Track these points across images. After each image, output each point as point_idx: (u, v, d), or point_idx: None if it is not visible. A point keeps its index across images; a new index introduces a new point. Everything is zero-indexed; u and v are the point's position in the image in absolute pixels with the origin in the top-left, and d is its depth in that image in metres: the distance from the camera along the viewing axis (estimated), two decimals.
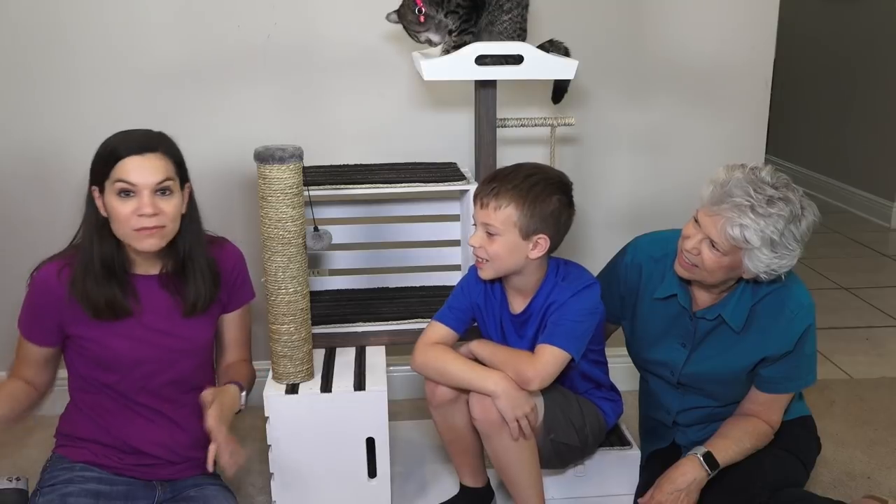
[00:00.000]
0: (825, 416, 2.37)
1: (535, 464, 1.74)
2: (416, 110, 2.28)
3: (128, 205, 1.57)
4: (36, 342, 1.68)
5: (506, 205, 1.66)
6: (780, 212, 1.57)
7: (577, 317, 1.72)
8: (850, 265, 3.78)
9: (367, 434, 1.81)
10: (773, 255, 1.59)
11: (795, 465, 1.77)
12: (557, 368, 1.71)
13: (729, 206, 1.57)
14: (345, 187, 1.93)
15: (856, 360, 2.79)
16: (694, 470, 1.68)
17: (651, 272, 1.81)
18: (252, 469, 2.15)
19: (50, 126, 2.20)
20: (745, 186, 1.58)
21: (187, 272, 1.68)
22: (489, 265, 1.72)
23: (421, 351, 1.77)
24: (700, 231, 1.63)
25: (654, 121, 2.36)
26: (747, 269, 1.62)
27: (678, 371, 1.80)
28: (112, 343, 1.65)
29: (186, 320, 1.70)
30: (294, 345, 1.80)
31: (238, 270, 1.79)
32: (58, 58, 2.17)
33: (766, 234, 1.56)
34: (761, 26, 2.32)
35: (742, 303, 1.70)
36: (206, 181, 2.24)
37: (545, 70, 1.85)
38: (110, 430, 1.70)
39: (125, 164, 1.57)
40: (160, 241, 1.61)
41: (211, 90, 2.22)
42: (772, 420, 1.76)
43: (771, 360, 1.71)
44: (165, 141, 1.64)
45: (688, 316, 1.76)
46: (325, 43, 2.21)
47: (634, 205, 2.39)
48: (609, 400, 1.89)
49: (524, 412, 1.65)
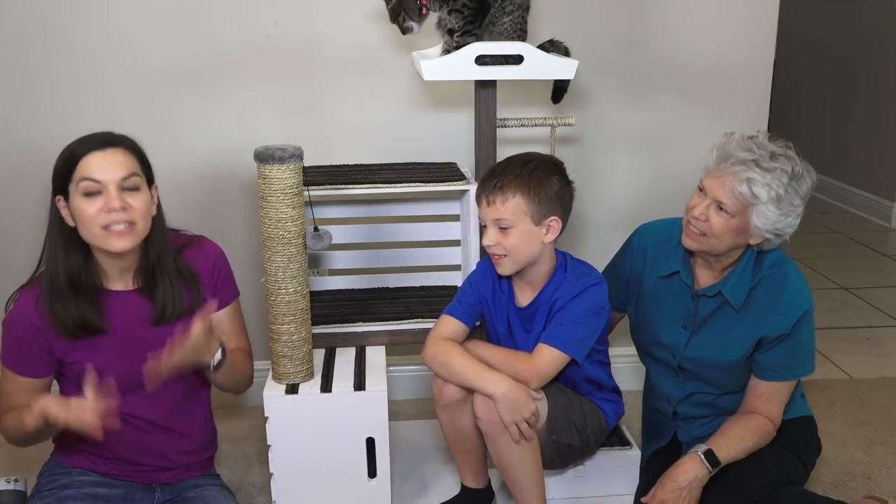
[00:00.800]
0: (825, 416, 2.37)
1: (537, 465, 1.74)
2: (416, 110, 2.28)
3: (95, 203, 1.50)
4: (30, 375, 1.61)
5: (512, 196, 1.68)
6: (784, 166, 1.62)
7: (580, 317, 1.72)
8: (850, 265, 3.78)
9: (367, 434, 1.81)
10: (779, 211, 1.63)
11: (795, 463, 1.77)
12: (555, 369, 1.72)
13: (734, 161, 1.63)
14: (345, 187, 1.93)
15: (856, 360, 2.79)
16: (695, 468, 1.68)
17: (656, 254, 1.85)
18: (252, 469, 2.15)
19: (51, 125, 2.20)
20: (747, 145, 1.65)
21: (156, 279, 1.62)
22: (508, 260, 1.73)
23: (431, 344, 1.78)
24: (706, 197, 1.67)
25: (654, 121, 2.36)
26: (755, 229, 1.65)
27: (679, 354, 1.81)
28: (98, 364, 1.59)
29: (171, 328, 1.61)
30: (294, 345, 1.80)
31: (219, 268, 1.73)
32: (59, 58, 2.17)
33: (773, 188, 1.61)
34: (761, 26, 2.32)
35: (742, 281, 1.73)
36: (206, 181, 2.25)
37: (545, 70, 1.85)
38: (104, 441, 1.66)
39: (87, 160, 1.51)
40: (132, 239, 1.53)
41: (211, 90, 2.22)
42: (772, 414, 1.76)
43: (768, 342, 1.72)
44: (127, 139, 1.58)
45: (689, 295, 1.79)
46: (325, 43, 2.21)
47: (634, 205, 2.39)
48: (610, 401, 1.90)
49: (523, 416, 1.65)
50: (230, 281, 1.77)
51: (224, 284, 1.75)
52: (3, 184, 2.25)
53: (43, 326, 1.57)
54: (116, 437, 1.66)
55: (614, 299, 1.90)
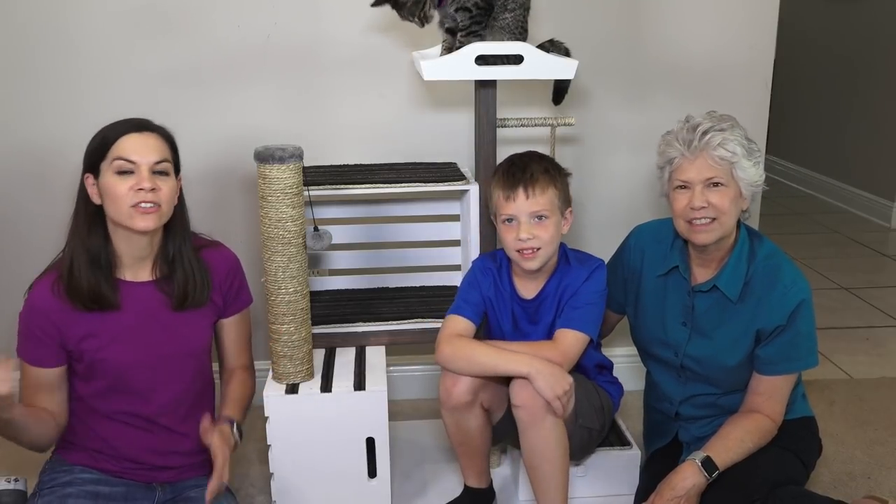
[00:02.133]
0: (825, 416, 2.37)
1: (566, 461, 1.73)
2: (416, 110, 2.29)
3: (126, 181, 1.56)
4: (46, 365, 1.63)
5: (547, 187, 1.74)
6: (733, 123, 1.72)
7: (591, 299, 1.78)
8: (850, 265, 3.78)
9: (367, 434, 1.81)
10: (752, 162, 1.71)
11: (795, 463, 1.77)
12: (580, 351, 1.75)
13: (699, 135, 1.69)
14: (345, 187, 1.93)
15: (856, 360, 2.80)
16: (693, 475, 1.68)
17: (654, 253, 1.87)
18: (252, 469, 2.15)
19: (52, 125, 2.21)
20: (693, 121, 1.73)
21: (176, 266, 1.67)
22: (541, 252, 1.75)
23: (446, 342, 1.77)
24: (693, 187, 1.71)
25: (653, 121, 2.35)
26: (742, 185, 1.71)
27: (681, 352, 1.82)
28: (107, 354, 1.62)
29: (182, 320, 1.68)
30: (294, 345, 1.80)
31: (234, 274, 1.77)
32: (59, 57, 2.18)
33: (741, 141, 1.70)
34: (761, 26, 2.32)
35: (737, 273, 1.75)
36: (207, 181, 2.26)
37: (545, 70, 1.86)
38: (107, 439, 1.68)
39: (124, 141, 1.57)
40: (157, 220, 1.59)
41: (211, 90, 2.22)
42: (774, 412, 1.76)
43: (765, 335, 1.73)
44: (162, 128, 1.65)
45: (686, 291, 1.80)
46: (325, 43, 2.22)
47: (632, 203, 2.39)
48: (612, 383, 1.94)
49: (564, 389, 1.65)
50: (244, 288, 1.81)
51: (238, 290, 1.79)
52: (4, 182, 2.25)
53: (57, 308, 1.60)
54: (119, 435, 1.67)
55: (613, 301, 1.90)
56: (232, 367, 1.83)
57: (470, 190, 1.96)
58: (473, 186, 1.96)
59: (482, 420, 1.78)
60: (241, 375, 1.82)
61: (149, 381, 1.67)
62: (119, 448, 1.68)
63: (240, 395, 1.79)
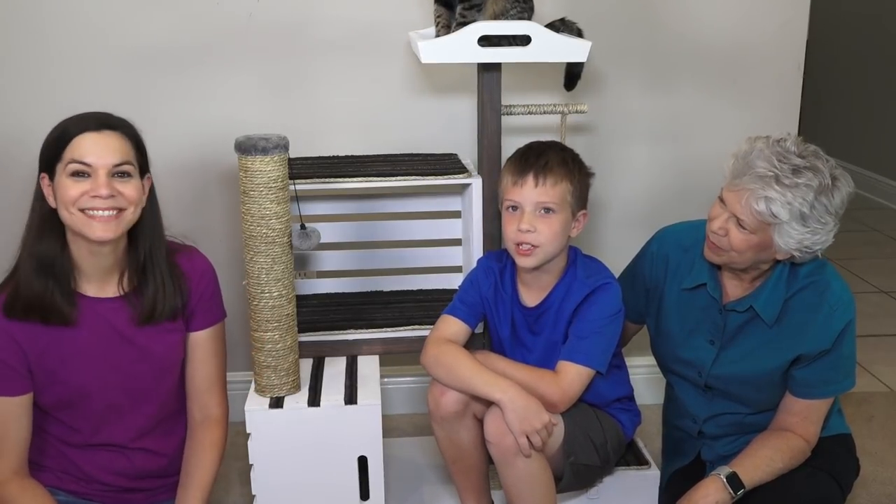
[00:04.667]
0: (864, 432, 2.38)
1: (552, 496, 1.74)
2: (412, 96, 2.29)
3: (80, 185, 1.51)
4: (10, 394, 1.59)
5: (561, 179, 1.71)
6: (809, 182, 1.59)
7: (598, 327, 1.74)
8: (891, 266, 3.79)
9: (358, 452, 1.82)
10: (805, 229, 1.62)
11: (830, 484, 1.76)
12: (583, 388, 1.74)
13: (751, 177, 1.61)
14: (334, 181, 1.93)
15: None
16: (717, 492, 1.68)
17: (679, 262, 1.84)
18: (232, 490, 2.15)
19: (16, 110, 2.21)
20: (768, 157, 1.61)
21: (148, 275, 1.63)
22: (539, 251, 1.73)
23: (432, 345, 1.77)
24: (726, 210, 1.66)
25: (674, 108, 2.36)
26: (779, 247, 1.65)
27: (706, 372, 1.81)
28: (64, 374, 1.60)
29: (149, 336, 1.64)
30: (279, 354, 1.81)
31: (207, 283, 1.74)
32: (26, 38, 2.18)
33: (795, 206, 1.59)
34: (793, 1, 2.32)
35: (776, 294, 1.72)
36: (183, 174, 2.26)
37: (555, 52, 1.86)
38: (74, 461, 1.68)
39: (79, 141, 1.52)
40: (116, 228, 1.54)
41: (188, 73, 2.23)
42: (808, 433, 1.76)
43: (806, 359, 1.72)
44: (126, 123, 1.60)
45: (717, 309, 1.78)
46: (313, 22, 2.22)
47: (654, 199, 2.40)
48: (627, 410, 1.91)
49: (534, 428, 1.64)
50: (216, 300, 1.77)
51: (209, 302, 1.75)
52: None
53: (11, 330, 1.57)
54: (87, 457, 1.67)
55: (632, 310, 1.89)
56: (200, 413, 1.76)
57: (472, 184, 1.96)
58: (476, 180, 1.96)
59: (475, 432, 1.77)
60: (211, 435, 1.75)
61: (115, 402, 1.65)
62: (87, 470, 1.68)
63: (207, 474, 1.72)
